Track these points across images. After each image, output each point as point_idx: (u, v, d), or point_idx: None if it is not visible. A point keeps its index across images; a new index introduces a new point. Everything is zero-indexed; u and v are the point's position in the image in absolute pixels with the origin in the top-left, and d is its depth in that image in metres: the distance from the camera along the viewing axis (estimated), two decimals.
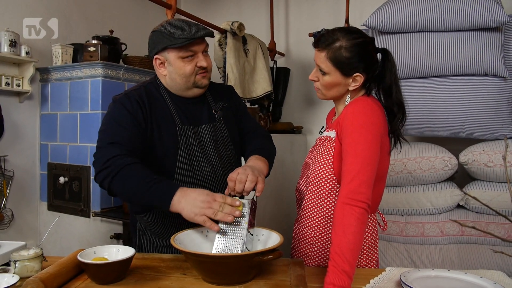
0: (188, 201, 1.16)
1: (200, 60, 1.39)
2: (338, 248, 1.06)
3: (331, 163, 1.30)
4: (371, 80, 1.33)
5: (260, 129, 1.66)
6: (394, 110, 1.32)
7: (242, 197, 1.26)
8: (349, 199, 1.12)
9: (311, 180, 1.36)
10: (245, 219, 1.20)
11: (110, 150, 1.27)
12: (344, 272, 1.03)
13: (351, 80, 1.30)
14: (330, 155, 1.31)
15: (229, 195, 1.25)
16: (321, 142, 1.40)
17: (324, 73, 1.30)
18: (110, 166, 1.24)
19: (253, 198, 1.26)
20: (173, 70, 1.40)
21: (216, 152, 1.47)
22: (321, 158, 1.33)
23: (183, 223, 1.40)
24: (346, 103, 1.33)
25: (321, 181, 1.32)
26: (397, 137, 1.35)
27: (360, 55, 1.27)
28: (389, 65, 1.33)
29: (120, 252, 1.20)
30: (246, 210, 1.21)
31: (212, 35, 1.41)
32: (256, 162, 1.39)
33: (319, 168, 1.33)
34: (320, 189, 1.33)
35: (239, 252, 1.15)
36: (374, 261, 1.36)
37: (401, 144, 1.37)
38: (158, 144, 1.39)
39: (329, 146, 1.33)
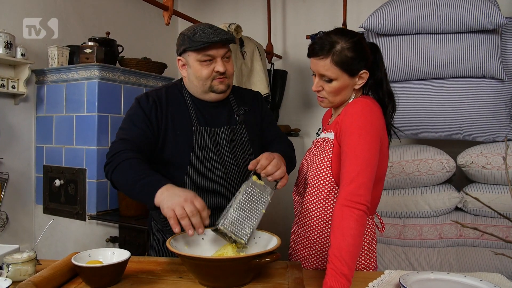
0: (169, 194, 1.16)
1: (218, 65, 1.40)
2: (337, 251, 1.05)
3: (329, 165, 1.29)
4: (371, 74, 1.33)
5: (284, 137, 1.67)
6: (386, 102, 1.33)
7: (259, 177, 1.29)
8: (348, 201, 1.11)
9: (309, 182, 1.35)
10: (265, 207, 1.24)
11: (118, 146, 1.34)
12: (343, 275, 1.02)
13: (357, 79, 1.29)
14: (328, 156, 1.30)
15: (252, 173, 1.28)
16: (319, 143, 1.38)
17: (330, 81, 1.27)
18: (113, 160, 1.30)
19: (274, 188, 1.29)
20: (191, 73, 1.44)
21: (232, 155, 1.47)
22: (319, 160, 1.32)
23: None
24: (349, 101, 1.32)
25: (319, 183, 1.31)
26: (390, 129, 1.36)
27: (361, 52, 1.27)
28: (379, 58, 1.34)
29: (115, 255, 1.18)
30: (268, 199, 1.25)
31: (232, 41, 1.42)
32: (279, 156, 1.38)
33: (318, 170, 1.31)
34: (318, 191, 1.32)
35: (248, 233, 1.18)
36: (372, 264, 1.35)
37: (397, 135, 1.40)
38: (172, 142, 1.42)
39: (327, 148, 1.31)
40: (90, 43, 2.67)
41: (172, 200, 1.13)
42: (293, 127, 3.43)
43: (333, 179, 1.29)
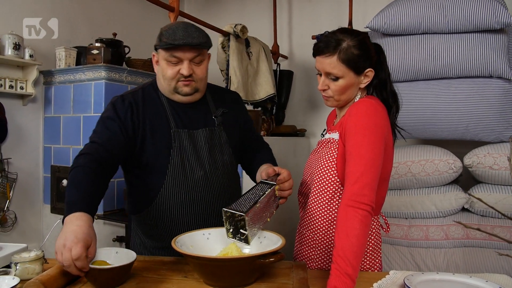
0: (65, 230, 1.06)
1: (183, 68, 1.36)
2: (341, 251, 1.05)
3: (334, 165, 1.29)
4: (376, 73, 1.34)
5: (266, 144, 1.70)
6: (390, 102, 1.34)
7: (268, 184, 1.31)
8: (352, 201, 1.11)
9: (314, 182, 1.35)
10: (271, 216, 1.29)
11: (84, 148, 1.30)
12: (347, 275, 1.02)
13: (362, 77, 1.30)
14: (333, 157, 1.30)
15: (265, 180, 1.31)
16: (324, 144, 1.38)
17: (336, 79, 1.27)
18: (74, 162, 1.26)
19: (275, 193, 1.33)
20: (159, 70, 1.42)
21: (211, 157, 1.46)
22: (324, 160, 1.32)
23: (174, 227, 1.42)
24: (356, 100, 1.32)
25: (324, 183, 1.31)
26: (394, 128, 1.36)
27: (366, 50, 1.27)
28: (383, 59, 1.35)
29: (119, 254, 1.18)
30: (274, 211, 1.30)
31: (202, 46, 1.37)
32: None
33: (323, 170, 1.31)
34: (323, 191, 1.32)
35: (256, 233, 1.21)
36: (377, 264, 1.35)
37: (401, 135, 1.40)
38: (150, 146, 1.39)
39: (332, 148, 1.31)
40: (97, 44, 2.69)
41: (58, 240, 1.04)
42: (299, 127, 3.42)
43: (338, 180, 1.29)
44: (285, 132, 3.26)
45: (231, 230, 1.19)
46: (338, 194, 1.30)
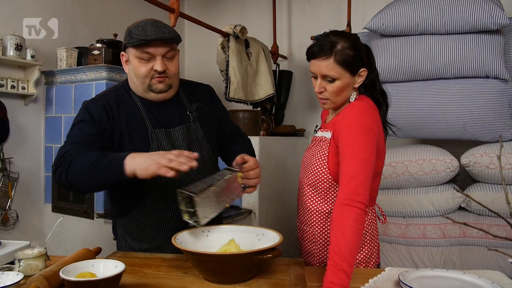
0: (141, 157, 1.15)
1: (156, 64, 1.34)
2: (337, 248, 1.08)
3: (326, 163, 1.33)
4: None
5: (244, 133, 1.71)
6: (380, 101, 1.38)
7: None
8: (347, 200, 1.14)
9: (309, 180, 1.38)
10: (230, 202, 1.31)
11: (65, 148, 1.28)
12: (343, 271, 1.05)
13: (357, 77, 1.33)
14: (325, 155, 1.33)
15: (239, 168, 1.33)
16: (317, 142, 1.42)
17: (332, 80, 1.30)
18: (63, 162, 1.24)
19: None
20: (131, 69, 1.39)
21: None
22: (316, 158, 1.36)
23: (161, 227, 1.42)
24: (351, 100, 1.35)
25: (318, 181, 1.35)
26: (385, 125, 1.41)
27: (359, 50, 1.31)
28: (372, 59, 1.39)
29: (104, 267, 1.09)
30: (236, 198, 1.31)
31: (173, 40, 1.36)
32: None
33: (315, 167, 1.35)
34: (317, 188, 1.36)
35: (209, 216, 1.22)
36: (375, 254, 1.39)
37: (392, 131, 1.45)
38: (128, 147, 1.37)
39: (324, 147, 1.35)
40: (98, 45, 2.71)
41: (148, 160, 1.12)
42: (298, 127, 3.45)
43: (330, 176, 1.32)
44: (284, 132, 3.28)
45: (187, 212, 1.20)
46: (332, 189, 1.34)
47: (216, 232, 1.31)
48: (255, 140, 2.68)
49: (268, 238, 1.25)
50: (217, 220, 1.54)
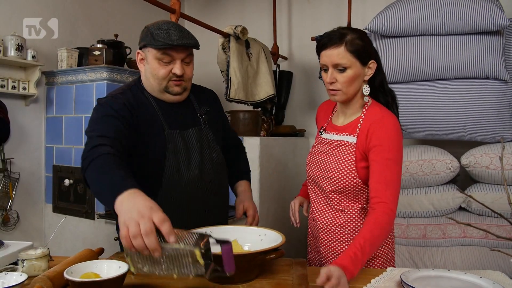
0: (129, 204, 0.98)
1: (176, 68, 1.36)
2: (363, 240, 1.15)
3: (354, 168, 1.35)
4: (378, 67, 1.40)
5: (240, 143, 1.78)
6: (389, 101, 1.42)
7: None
8: (383, 205, 1.24)
9: (336, 186, 1.38)
10: (181, 275, 1.00)
11: (93, 141, 1.21)
12: (361, 262, 1.12)
13: (367, 69, 1.35)
14: (352, 160, 1.35)
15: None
16: (335, 146, 1.40)
17: (343, 69, 1.31)
18: (87, 157, 1.17)
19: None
20: (148, 69, 1.40)
21: (203, 156, 1.46)
22: (342, 164, 1.36)
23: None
24: (365, 93, 1.37)
25: (347, 186, 1.36)
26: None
27: (368, 42, 1.35)
28: (379, 62, 1.40)
29: (108, 267, 1.09)
30: (190, 275, 1.00)
31: (195, 47, 1.38)
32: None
33: (343, 174, 1.36)
34: (347, 193, 1.38)
35: (146, 270, 1.02)
36: (392, 258, 1.46)
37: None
38: (145, 148, 1.37)
39: (348, 152, 1.36)
40: (99, 45, 2.72)
41: (128, 213, 0.96)
42: (299, 127, 3.45)
43: (360, 180, 1.35)
44: (284, 132, 3.29)
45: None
46: (361, 191, 1.37)
47: (218, 232, 1.31)
48: (255, 141, 2.68)
49: (270, 239, 1.25)
50: (223, 220, 1.57)
